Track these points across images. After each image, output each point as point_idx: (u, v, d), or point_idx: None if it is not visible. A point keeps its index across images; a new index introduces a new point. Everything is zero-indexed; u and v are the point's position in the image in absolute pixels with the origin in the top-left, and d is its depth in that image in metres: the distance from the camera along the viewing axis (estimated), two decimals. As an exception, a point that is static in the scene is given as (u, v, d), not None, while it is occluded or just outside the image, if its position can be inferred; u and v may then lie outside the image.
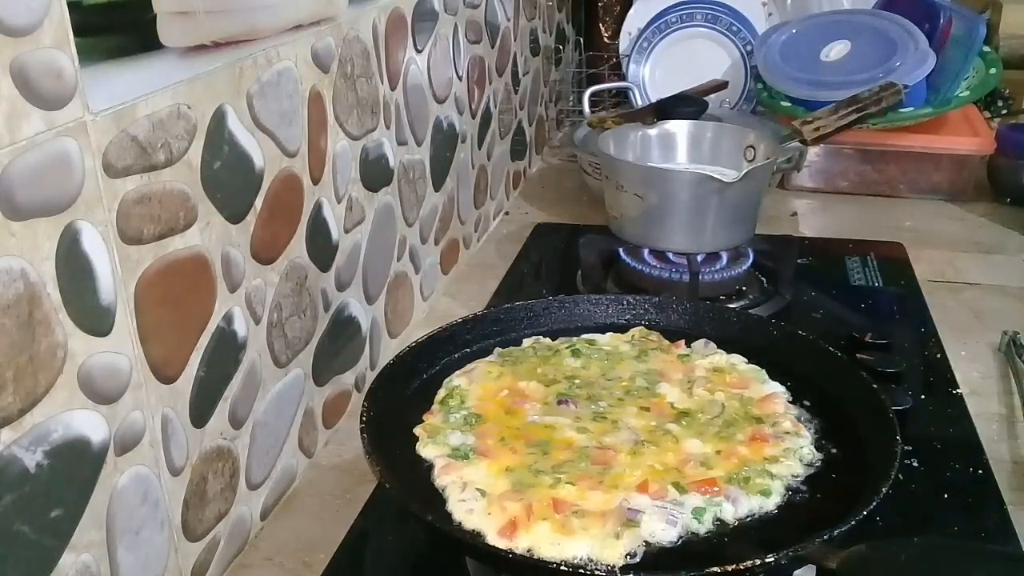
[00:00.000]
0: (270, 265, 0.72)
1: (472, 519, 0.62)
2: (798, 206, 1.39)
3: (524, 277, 1.17)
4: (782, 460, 0.68)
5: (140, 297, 0.57)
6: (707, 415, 0.73)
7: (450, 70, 1.09)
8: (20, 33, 0.47)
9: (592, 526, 0.61)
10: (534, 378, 0.78)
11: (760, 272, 1.10)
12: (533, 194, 1.46)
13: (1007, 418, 0.86)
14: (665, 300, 0.89)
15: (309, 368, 0.80)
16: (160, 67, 0.57)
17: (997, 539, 0.70)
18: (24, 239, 0.48)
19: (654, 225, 1.05)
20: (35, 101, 0.48)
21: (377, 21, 0.88)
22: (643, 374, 0.78)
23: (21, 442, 0.48)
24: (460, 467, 0.67)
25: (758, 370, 0.79)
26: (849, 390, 0.74)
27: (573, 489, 0.64)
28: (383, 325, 0.95)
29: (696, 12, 1.59)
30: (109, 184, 0.53)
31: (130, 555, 0.58)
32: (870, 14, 1.46)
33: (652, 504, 0.63)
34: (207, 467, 0.66)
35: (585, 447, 0.69)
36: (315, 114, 0.77)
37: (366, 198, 0.88)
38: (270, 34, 0.69)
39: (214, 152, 0.63)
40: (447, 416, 0.73)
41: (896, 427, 0.67)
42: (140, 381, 0.58)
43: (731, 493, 0.64)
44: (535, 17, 1.48)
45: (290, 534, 0.75)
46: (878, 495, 0.59)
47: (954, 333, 1.00)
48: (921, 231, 1.28)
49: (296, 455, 0.80)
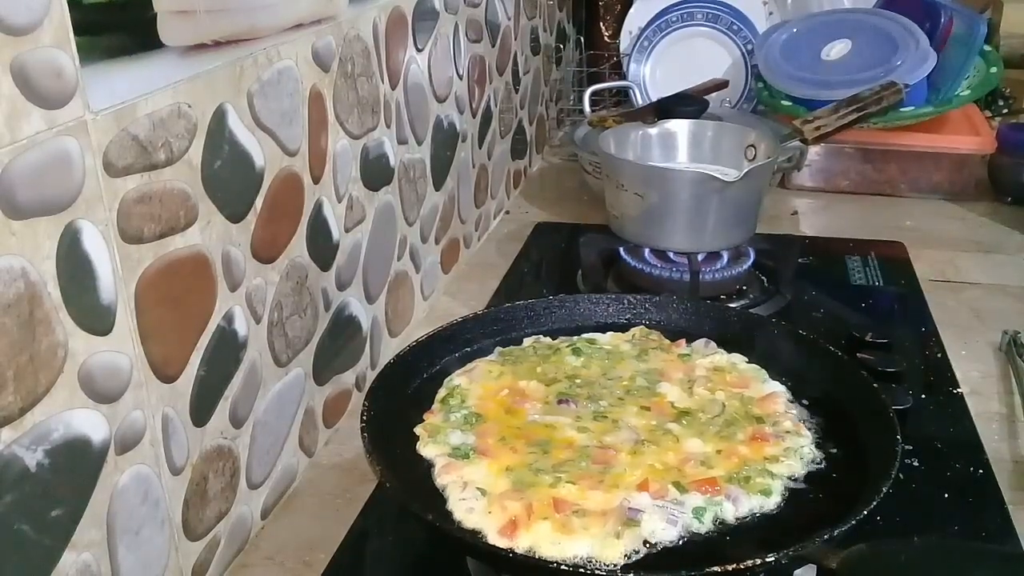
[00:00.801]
0: (270, 264, 0.72)
1: (472, 518, 0.62)
2: (799, 205, 1.39)
3: (524, 276, 1.17)
4: (782, 459, 0.68)
5: (141, 296, 0.57)
6: (707, 414, 0.73)
7: (451, 69, 1.09)
8: (20, 32, 0.46)
9: (593, 525, 0.61)
10: (534, 377, 0.78)
11: (761, 271, 1.10)
12: (533, 193, 1.46)
13: (1007, 417, 0.86)
14: (665, 299, 0.89)
15: (310, 367, 0.80)
16: (160, 66, 0.57)
17: (997, 539, 0.70)
18: (24, 238, 0.48)
19: (655, 224, 1.05)
20: (35, 100, 0.48)
21: (377, 20, 0.88)
22: (643, 373, 0.79)
23: (22, 441, 0.48)
24: (460, 466, 0.67)
25: (758, 369, 0.79)
26: (849, 389, 0.74)
27: (574, 488, 0.64)
28: (383, 324, 0.95)
29: (697, 11, 1.59)
30: (109, 183, 0.53)
31: (130, 554, 0.58)
32: (871, 13, 1.46)
33: (653, 504, 0.63)
34: (208, 466, 0.66)
35: (585, 446, 0.69)
36: (315, 113, 0.77)
37: (366, 197, 0.88)
38: (270, 33, 0.69)
39: (214, 151, 0.63)
40: (447, 415, 0.73)
41: (897, 427, 0.67)
42: (141, 380, 0.58)
43: (732, 492, 0.64)
44: (536, 16, 1.48)
45: (290, 534, 0.75)
46: (878, 495, 0.59)
47: (954, 333, 1.00)
48: (922, 230, 1.28)
49: (297, 454, 0.80)
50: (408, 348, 0.78)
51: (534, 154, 1.55)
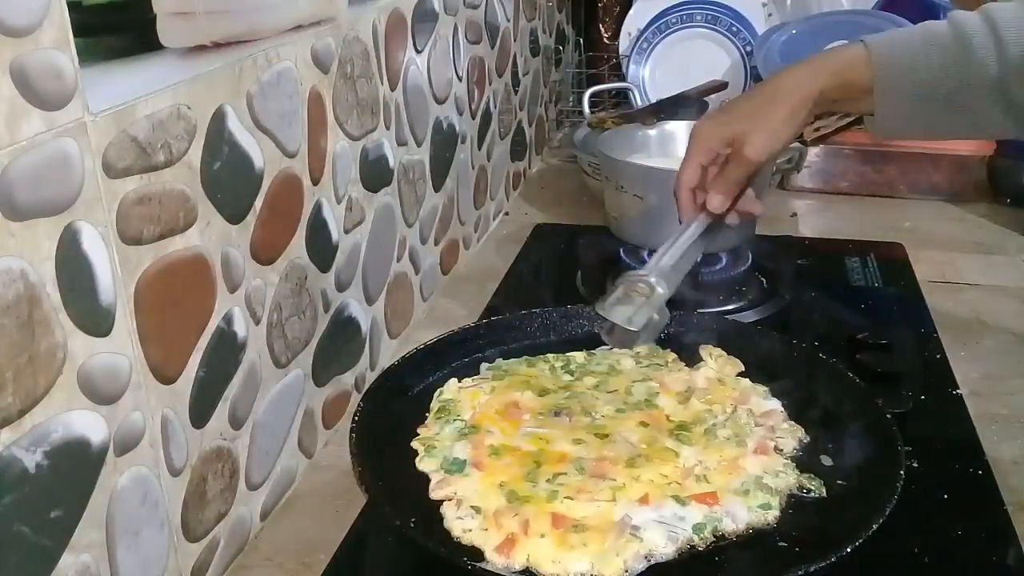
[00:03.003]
0: (270, 265, 0.72)
1: (469, 536, 0.62)
2: (798, 206, 1.39)
3: (524, 278, 1.17)
4: (781, 473, 0.68)
5: (140, 298, 0.57)
6: (706, 428, 0.73)
7: (450, 70, 1.09)
8: (20, 33, 0.46)
9: (592, 541, 0.60)
10: (529, 389, 0.77)
11: (760, 273, 1.10)
12: (533, 195, 1.46)
13: (1007, 418, 0.86)
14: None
15: (309, 369, 0.80)
16: (160, 67, 0.57)
17: (997, 539, 0.70)
18: (24, 239, 0.48)
19: (654, 225, 1.04)
20: (35, 101, 0.48)
21: (377, 21, 0.88)
22: (641, 386, 0.78)
23: (21, 442, 0.48)
24: (455, 481, 0.67)
25: (757, 386, 0.79)
26: (850, 403, 0.75)
27: (572, 503, 0.64)
28: (383, 325, 0.95)
29: (696, 13, 1.59)
30: (109, 184, 0.53)
31: (130, 555, 0.58)
32: (870, 14, 1.46)
33: (652, 519, 0.63)
34: (207, 468, 0.66)
35: (582, 459, 0.68)
36: (315, 114, 0.77)
37: (366, 198, 0.88)
38: (270, 34, 0.69)
39: (214, 152, 0.63)
40: (442, 428, 0.73)
41: (899, 439, 0.67)
42: (140, 381, 0.58)
43: (731, 506, 0.64)
44: (535, 18, 1.48)
45: (290, 535, 0.75)
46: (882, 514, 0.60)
47: (954, 333, 0.99)
48: (921, 231, 1.28)
49: (296, 456, 0.80)
50: (404, 358, 0.78)
51: (533, 155, 1.56)
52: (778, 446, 0.72)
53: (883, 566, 0.66)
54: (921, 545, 0.68)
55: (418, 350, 0.82)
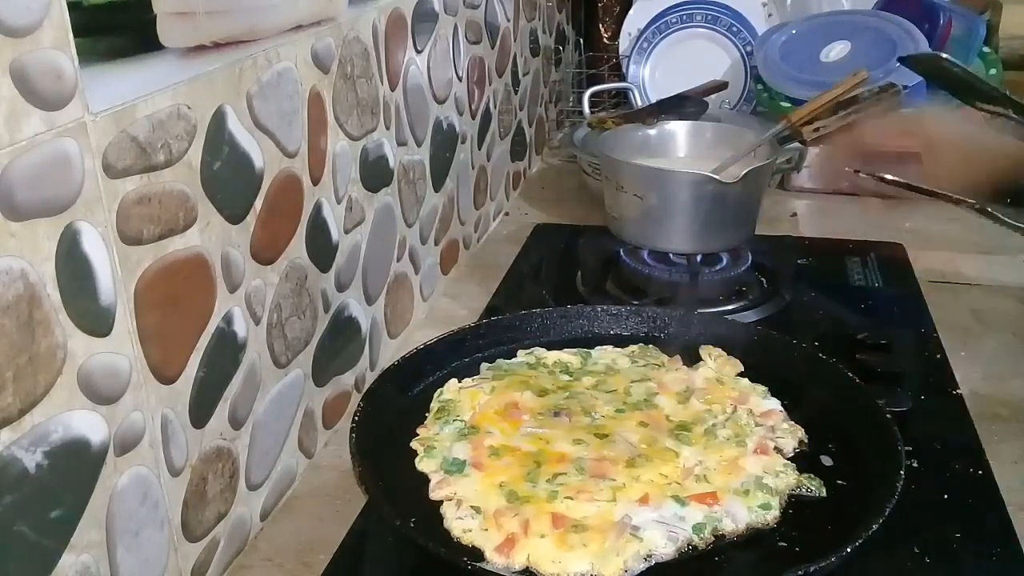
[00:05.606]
0: (270, 265, 0.72)
1: (469, 536, 0.62)
2: (798, 206, 1.39)
3: (524, 278, 1.17)
4: (781, 474, 0.68)
5: (140, 298, 0.57)
6: (705, 428, 0.73)
7: (450, 70, 1.09)
8: (20, 33, 0.46)
9: (592, 541, 0.61)
10: (529, 390, 0.77)
11: (760, 273, 1.10)
12: (533, 195, 1.46)
13: (1007, 418, 0.86)
14: (663, 312, 0.89)
15: (309, 369, 0.80)
16: (160, 67, 0.57)
17: (997, 539, 0.70)
18: (24, 239, 0.48)
19: (654, 226, 1.05)
20: (35, 101, 0.48)
21: (377, 21, 0.88)
22: (640, 386, 0.78)
23: (21, 443, 0.48)
24: (455, 481, 0.67)
25: (757, 386, 0.79)
26: (850, 403, 0.75)
27: (572, 503, 0.64)
28: (383, 326, 0.95)
29: (696, 12, 1.59)
30: (109, 184, 0.53)
31: (130, 556, 0.58)
32: (870, 15, 1.46)
33: (652, 519, 0.63)
34: (207, 468, 0.66)
35: (581, 459, 0.68)
36: (315, 114, 0.77)
37: (366, 198, 0.88)
38: (270, 34, 0.69)
39: (214, 152, 0.63)
40: (441, 428, 0.73)
41: (899, 441, 0.67)
42: (140, 382, 0.58)
43: (731, 506, 0.64)
44: (535, 18, 1.48)
45: (290, 535, 0.75)
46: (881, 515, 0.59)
47: (954, 334, 0.99)
48: (921, 232, 1.28)
49: (296, 456, 0.80)
50: (404, 358, 0.78)
51: (533, 155, 1.56)
52: (778, 446, 0.72)
53: (883, 566, 0.66)
54: (921, 545, 0.68)
55: (418, 350, 0.82)
